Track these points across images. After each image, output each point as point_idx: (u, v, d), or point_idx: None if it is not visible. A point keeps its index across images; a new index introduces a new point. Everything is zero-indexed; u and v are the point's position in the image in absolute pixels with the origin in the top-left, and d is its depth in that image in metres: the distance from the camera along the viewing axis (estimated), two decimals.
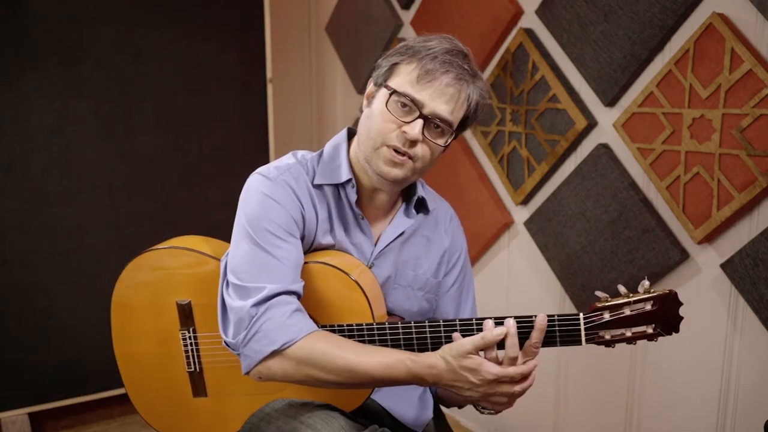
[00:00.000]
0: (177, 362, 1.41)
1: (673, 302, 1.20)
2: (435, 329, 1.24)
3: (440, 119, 1.26)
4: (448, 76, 1.24)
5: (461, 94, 1.27)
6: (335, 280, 1.30)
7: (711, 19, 1.74)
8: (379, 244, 1.39)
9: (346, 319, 1.29)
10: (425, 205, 1.43)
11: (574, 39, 2.10)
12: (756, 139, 1.67)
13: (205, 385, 1.40)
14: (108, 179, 2.60)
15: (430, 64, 1.24)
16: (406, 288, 1.41)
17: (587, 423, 2.25)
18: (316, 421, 1.23)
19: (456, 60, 1.26)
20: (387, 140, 1.26)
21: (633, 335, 1.21)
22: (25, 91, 2.42)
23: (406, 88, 1.25)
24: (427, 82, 1.24)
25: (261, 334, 1.21)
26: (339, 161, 1.36)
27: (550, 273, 2.30)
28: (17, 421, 2.51)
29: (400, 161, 1.27)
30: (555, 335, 1.20)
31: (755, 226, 1.73)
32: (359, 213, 1.37)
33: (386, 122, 1.26)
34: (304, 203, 1.32)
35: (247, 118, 2.89)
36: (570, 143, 2.15)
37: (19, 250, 2.47)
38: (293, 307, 1.23)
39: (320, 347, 1.20)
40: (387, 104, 1.26)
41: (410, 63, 1.26)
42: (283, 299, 1.23)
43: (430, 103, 1.24)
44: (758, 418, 1.72)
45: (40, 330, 2.54)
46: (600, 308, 1.21)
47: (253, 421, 1.35)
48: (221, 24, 2.77)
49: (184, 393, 1.42)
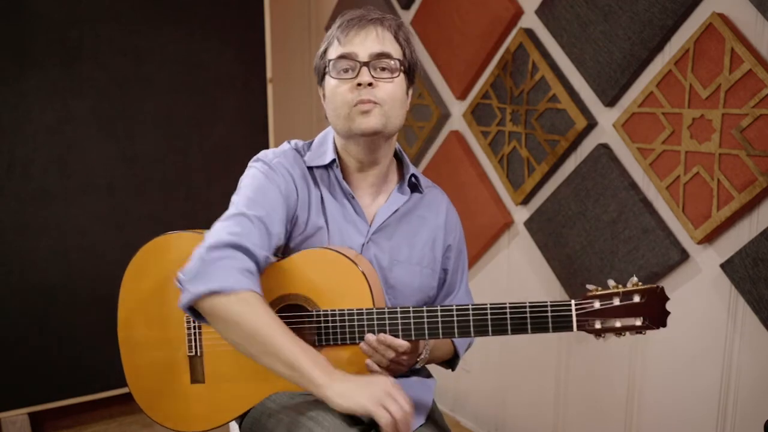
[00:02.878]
0: (177, 348, 1.43)
1: (660, 297, 1.25)
2: (432, 315, 1.29)
3: (378, 56, 1.35)
4: (361, 23, 1.36)
5: (382, 31, 1.37)
6: (337, 265, 1.34)
7: (711, 19, 1.74)
8: (375, 222, 1.45)
9: (346, 304, 1.33)
10: (419, 186, 1.50)
11: (574, 39, 2.10)
12: (756, 139, 1.67)
13: (203, 370, 1.42)
14: (108, 179, 2.60)
15: (342, 25, 1.37)
16: (404, 263, 1.45)
17: (587, 423, 2.25)
18: (318, 413, 1.25)
19: (362, 13, 1.39)
20: (349, 101, 1.35)
21: (622, 326, 1.26)
22: (25, 91, 2.43)
23: (336, 53, 1.37)
24: (347, 37, 1.35)
25: (205, 274, 1.24)
26: (326, 146, 1.46)
27: (550, 273, 2.30)
28: (17, 421, 2.51)
29: (367, 108, 1.35)
30: (547, 321, 1.26)
31: (755, 226, 1.73)
32: (349, 191, 1.43)
33: (341, 90, 1.36)
34: (298, 184, 1.41)
35: (247, 118, 2.89)
36: (570, 143, 2.16)
37: (19, 250, 2.47)
38: (246, 265, 1.26)
39: (239, 308, 1.22)
40: (332, 75, 1.37)
41: (331, 44, 1.39)
42: (241, 254, 1.27)
43: (360, 49, 1.35)
44: (758, 418, 1.72)
45: (40, 330, 2.54)
46: (591, 296, 1.26)
47: (254, 416, 1.36)
48: (221, 24, 2.77)
49: (181, 379, 1.43)
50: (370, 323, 1.31)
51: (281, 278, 1.37)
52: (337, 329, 1.33)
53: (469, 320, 1.28)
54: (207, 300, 1.23)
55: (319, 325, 1.34)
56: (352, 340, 1.32)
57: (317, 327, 1.34)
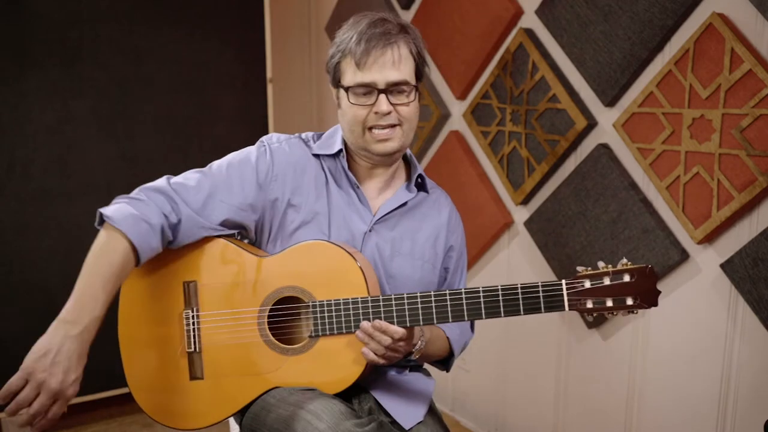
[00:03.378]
0: (177, 344, 1.44)
1: (650, 275, 1.26)
2: (426, 302, 1.32)
3: (396, 84, 1.38)
4: (378, 49, 1.37)
5: (399, 53, 1.38)
6: (333, 256, 1.37)
7: (711, 19, 1.74)
8: (380, 212, 1.47)
9: (342, 295, 1.35)
10: (425, 185, 1.54)
11: (574, 39, 2.10)
12: (756, 139, 1.67)
13: (202, 366, 1.42)
14: (108, 179, 2.60)
15: (359, 49, 1.37)
16: (406, 256, 1.48)
17: (587, 422, 2.25)
18: (316, 406, 1.26)
19: (377, 30, 1.38)
20: (366, 124, 1.40)
21: (614, 305, 1.27)
22: (25, 91, 2.43)
23: (355, 79, 1.39)
24: (365, 65, 1.37)
25: (116, 204, 1.38)
26: (335, 138, 1.50)
27: (550, 273, 2.30)
28: (17, 420, 2.51)
29: (387, 135, 1.40)
30: (539, 301, 1.28)
31: (755, 226, 1.74)
32: (354, 180, 1.47)
33: (357, 113, 1.40)
34: (294, 170, 1.45)
35: (247, 118, 2.89)
36: (570, 143, 2.16)
37: (19, 250, 2.47)
38: (156, 211, 1.36)
39: (101, 241, 1.39)
40: (349, 100, 1.40)
41: (345, 58, 1.40)
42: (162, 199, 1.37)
43: (379, 77, 1.37)
44: (758, 418, 1.72)
45: (40, 330, 2.51)
46: (581, 276, 1.28)
47: (255, 411, 1.37)
48: (221, 24, 2.77)
49: (181, 376, 1.44)
50: (365, 311, 1.33)
51: (279, 271, 1.40)
52: (333, 319, 1.35)
53: (462, 304, 1.31)
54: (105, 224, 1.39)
55: (315, 316, 1.36)
56: (348, 330, 1.34)
57: (314, 318, 1.36)
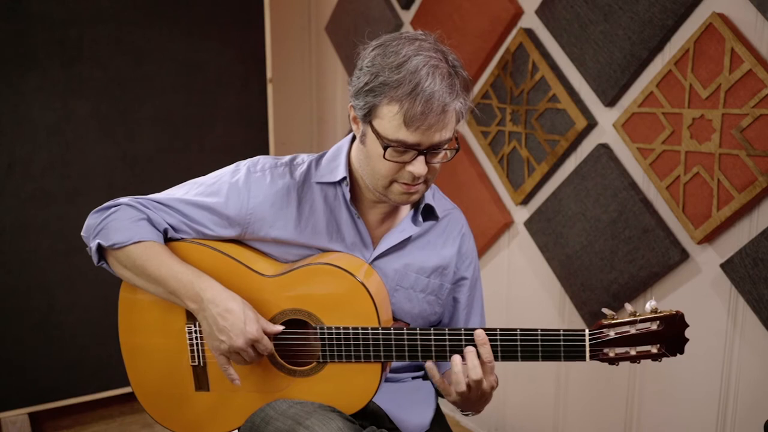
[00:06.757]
0: (182, 356, 1.42)
1: (680, 323, 1.20)
2: (440, 337, 1.27)
3: (438, 145, 1.24)
4: (435, 115, 1.19)
5: (451, 115, 1.23)
6: (343, 282, 1.31)
7: (711, 19, 1.74)
8: (380, 247, 1.40)
9: (351, 321, 1.31)
10: (433, 213, 1.43)
11: (574, 39, 2.10)
12: (756, 139, 1.67)
13: (207, 379, 1.41)
14: (108, 179, 2.60)
15: (414, 108, 1.18)
16: (408, 290, 1.42)
17: (587, 423, 2.25)
18: (314, 422, 1.23)
19: (436, 88, 1.19)
20: (396, 179, 1.28)
21: (638, 354, 1.21)
22: (25, 91, 2.42)
23: (398, 136, 1.21)
24: (416, 127, 1.19)
25: (104, 230, 1.35)
26: (338, 162, 1.38)
27: (550, 273, 2.30)
28: (17, 421, 2.51)
29: (413, 190, 1.29)
30: (560, 350, 1.22)
31: (755, 226, 1.73)
32: (354, 211, 1.38)
33: (389, 168, 1.26)
34: (278, 197, 1.37)
35: (247, 118, 2.89)
36: (570, 143, 2.16)
37: (19, 250, 2.47)
38: (142, 215, 1.36)
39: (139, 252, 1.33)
40: (384, 156, 1.24)
41: (390, 104, 1.20)
42: (133, 207, 1.36)
43: (424, 140, 1.22)
44: (758, 418, 1.72)
45: (40, 330, 2.54)
46: (605, 326, 1.22)
47: (254, 421, 1.36)
48: (221, 24, 2.77)
49: (186, 386, 1.42)
50: (375, 343, 1.29)
51: (285, 293, 1.35)
52: (342, 347, 1.31)
53: None
54: (111, 254, 1.37)
55: (324, 342, 1.32)
56: (358, 359, 1.31)
57: (322, 343, 1.33)
